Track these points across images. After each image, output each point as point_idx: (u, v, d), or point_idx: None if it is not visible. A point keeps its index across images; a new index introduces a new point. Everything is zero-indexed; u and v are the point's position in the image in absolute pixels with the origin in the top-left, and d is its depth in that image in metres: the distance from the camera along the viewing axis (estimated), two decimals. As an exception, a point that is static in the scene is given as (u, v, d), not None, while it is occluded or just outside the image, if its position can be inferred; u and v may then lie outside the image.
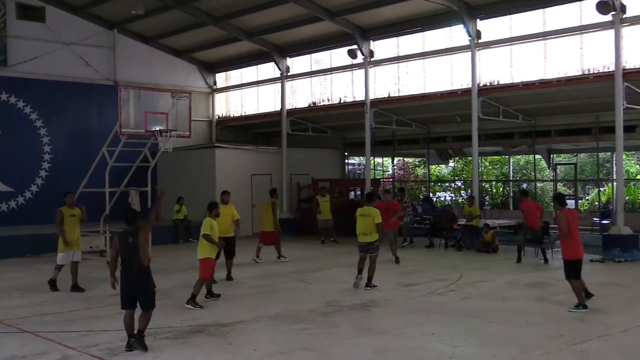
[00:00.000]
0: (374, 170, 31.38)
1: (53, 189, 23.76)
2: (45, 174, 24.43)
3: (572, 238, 11.01)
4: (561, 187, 31.93)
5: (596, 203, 26.85)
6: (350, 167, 33.08)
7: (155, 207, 9.90)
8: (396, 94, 23.01)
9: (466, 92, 20.70)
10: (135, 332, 8.74)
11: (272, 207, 18.06)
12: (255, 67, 28.14)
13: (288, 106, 26.30)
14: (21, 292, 13.46)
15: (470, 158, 25.65)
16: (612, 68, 17.67)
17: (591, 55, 18.53)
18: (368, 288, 13.11)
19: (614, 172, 20.86)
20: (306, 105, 26.07)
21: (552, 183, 29.17)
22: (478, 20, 20.32)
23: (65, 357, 8.53)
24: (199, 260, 12.00)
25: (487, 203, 29.36)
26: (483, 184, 30.22)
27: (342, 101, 24.81)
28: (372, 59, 23.29)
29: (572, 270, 10.98)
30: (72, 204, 14.00)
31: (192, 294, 11.63)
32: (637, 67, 17.64)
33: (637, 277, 14.71)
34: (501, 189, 32.08)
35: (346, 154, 29.35)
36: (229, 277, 14.69)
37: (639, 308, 11.36)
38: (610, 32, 17.63)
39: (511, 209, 28.66)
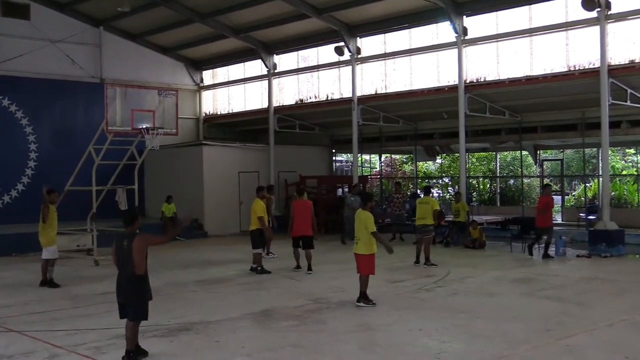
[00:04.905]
0: (362, 167, 31.42)
1: (39, 187, 23.58)
2: (31, 172, 24.28)
3: (301, 221, 14.95)
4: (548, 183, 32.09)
5: (582, 199, 27.01)
6: (337, 164, 33.12)
7: (172, 232, 8.78)
8: (383, 91, 23.05)
9: (453, 88, 20.77)
10: (124, 353, 7.98)
11: None
12: (242, 64, 28.09)
13: (275, 103, 26.28)
14: (7, 292, 13.38)
15: (457, 154, 25.75)
16: (597, 64, 17.80)
17: (577, 51, 18.66)
18: (427, 265, 15.47)
19: (600, 168, 21.03)
20: (293, 103, 26.06)
21: (538, 179, 29.32)
22: (464, 17, 20.40)
23: (53, 356, 8.49)
24: (359, 257, 11.32)
25: (474, 199, 29.47)
26: (470, 181, 30.32)
27: (329, 98, 24.83)
28: (359, 56, 23.31)
29: (298, 242, 15.01)
30: (56, 201, 14.03)
31: (362, 292, 11.23)
32: (622, 63, 17.79)
33: (623, 272, 14.82)
34: (488, 186, 32.22)
35: (334, 151, 29.37)
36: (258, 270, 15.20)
37: (624, 302, 11.45)
38: (596, 29, 17.75)
39: (498, 204, 28.84)
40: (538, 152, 26.28)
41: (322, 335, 9.35)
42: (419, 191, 26.42)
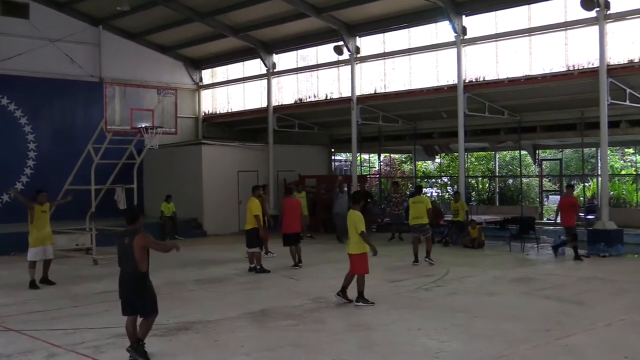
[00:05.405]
0: (361, 166, 31.42)
1: (38, 186, 23.58)
2: (30, 171, 24.26)
3: (290, 219, 15.68)
4: (547, 183, 32.14)
5: (581, 198, 27.01)
6: (337, 163, 33.10)
7: (166, 247, 8.72)
8: (382, 91, 23.03)
9: (452, 88, 20.75)
10: (134, 339, 8.14)
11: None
12: (241, 63, 28.05)
13: (274, 103, 26.25)
14: (6, 291, 13.37)
15: (456, 154, 25.74)
16: (596, 64, 17.78)
17: (576, 51, 18.64)
18: (427, 260, 15.74)
19: (599, 168, 21.01)
20: (292, 102, 26.04)
21: (537, 179, 29.34)
22: (464, 16, 20.38)
23: (51, 355, 8.49)
24: (351, 256, 11.35)
25: (473, 199, 29.50)
26: (469, 180, 30.33)
27: (328, 97, 24.80)
28: (358, 55, 23.29)
29: (289, 239, 15.78)
30: (44, 202, 13.91)
31: (359, 292, 11.24)
32: (622, 63, 17.78)
33: (621, 272, 14.83)
34: (487, 185, 32.24)
35: (333, 150, 29.36)
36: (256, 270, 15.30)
37: (623, 302, 11.46)
38: (595, 29, 17.73)
39: (497, 204, 28.86)
40: (537, 152, 26.27)
41: (321, 335, 9.35)
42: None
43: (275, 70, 26.25)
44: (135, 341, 8.10)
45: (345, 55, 23.42)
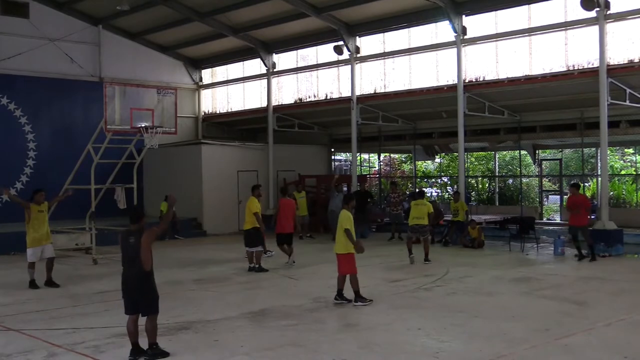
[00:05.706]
0: (361, 166, 31.41)
1: (38, 185, 23.53)
2: (30, 170, 24.26)
3: (284, 219, 16.00)
4: (546, 183, 32.14)
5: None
6: (336, 163, 33.11)
7: (167, 216, 9.30)
8: (382, 90, 23.02)
9: (452, 88, 20.75)
10: (147, 346, 8.21)
11: None
12: (241, 63, 28.05)
13: (274, 102, 26.25)
14: (6, 290, 13.36)
15: (456, 154, 25.74)
16: (596, 64, 17.78)
17: (576, 51, 18.64)
18: (426, 263, 15.91)
19: (599, 168, 21.02)
20: (292, 102, 26.04)
21: (537, 179, 29.34)
22: (464, 16, 20.38)
23: (51, 354, 8.49)
24: (338, 256, 11.44)
25: (472, 199, 29.51)
26: (469, 180, 30.34)
27: (328, 97, 24.80)
28: (358, 55, 23.29)
29: (283, 238, 16.03)
30: (41, 201, 13.83)
31: (355, 291, 11.29)
32: (621, 63, 17.78)
33: (621, 272, 14.83)
34: (487, 185, 32.25)
35: (332, 150, 29.36)
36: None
37: (622, 302, 11.46)
38: (595, 29, 17.74)
39: (497, 204, 28.87)
40: (537, 152, 26.28)
41: (321, 334, 9.35)
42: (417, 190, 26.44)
43: (275, 70, 26.25)
44: (149, 347, 8.17)
45: (345, 55, 23.42)
